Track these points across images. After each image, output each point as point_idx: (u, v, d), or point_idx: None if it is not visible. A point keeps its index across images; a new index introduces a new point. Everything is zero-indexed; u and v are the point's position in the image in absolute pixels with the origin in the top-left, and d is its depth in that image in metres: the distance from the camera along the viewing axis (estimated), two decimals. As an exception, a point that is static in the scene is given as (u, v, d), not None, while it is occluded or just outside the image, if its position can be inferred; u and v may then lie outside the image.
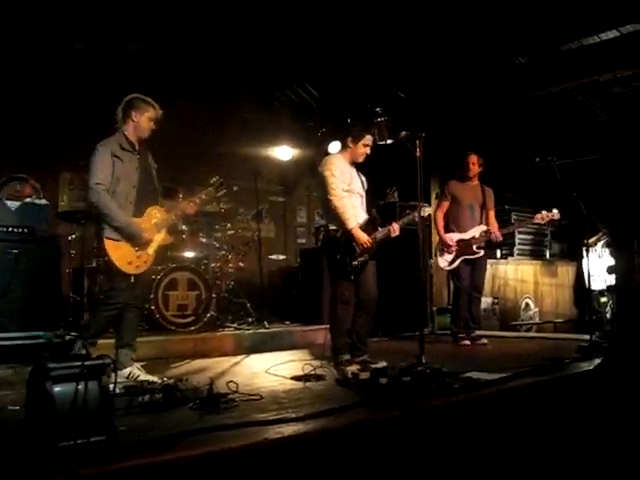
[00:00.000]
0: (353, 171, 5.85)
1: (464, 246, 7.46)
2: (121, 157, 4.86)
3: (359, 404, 3.77)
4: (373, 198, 7.02)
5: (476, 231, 7.53)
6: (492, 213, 7.68)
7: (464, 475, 3.65)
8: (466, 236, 7.50)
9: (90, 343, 4.83)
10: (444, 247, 7.55)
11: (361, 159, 5.85)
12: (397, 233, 5.82)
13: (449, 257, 7.52)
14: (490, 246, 7.78)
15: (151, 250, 4.99)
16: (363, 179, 5.96)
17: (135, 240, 4.85)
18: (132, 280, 4.86)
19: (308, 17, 7.56)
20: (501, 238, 7.55)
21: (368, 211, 5.92)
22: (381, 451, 3.37)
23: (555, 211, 7.31)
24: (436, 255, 7.78)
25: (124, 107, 5.00)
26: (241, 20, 7.54)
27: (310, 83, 9.84)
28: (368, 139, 5.80)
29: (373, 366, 5.09)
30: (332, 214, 5.64)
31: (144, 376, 4.76)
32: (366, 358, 5.59)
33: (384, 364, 5.15)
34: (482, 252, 7.52)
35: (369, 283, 5.69)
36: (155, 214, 5.07)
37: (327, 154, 6.25)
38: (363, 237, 5.53)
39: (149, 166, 5.19)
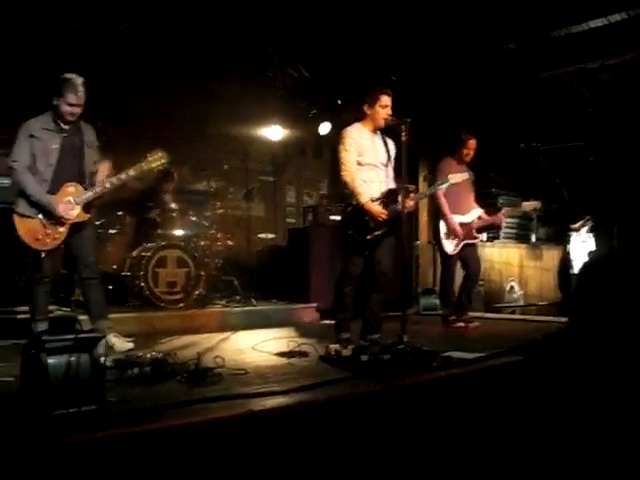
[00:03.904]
0: (377, 139, 5.68)
1: (466, 230, 7.38)
2: (39, 136, 5.03)
3: (340, 380, 3.92)
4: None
5: (474, 214, 7.52)
6: (474, 196, 7.71)
7: (440, 450, 3.79)
8: (466, 219, 7.43)
9: (42, 321, 5.04)
10: (451, 231, 7.37)
11: (383, 123, 5.56)
12: (413, 208, 5.80)
13: (454, 241, 7.39)
14: (481, 230, 7.74)
15: (62, 228, 5.09)
16: (390, 146, 5.74)
17: (49, 213, 5.01)
18: (43, 255, 5.02)
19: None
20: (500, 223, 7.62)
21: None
22: (361, 425, 3.52)
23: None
24: (439, 238, 7.49)
25: (54, 87, 5.13)
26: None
27: (301, 63, 9.87)
28: (385, 99, 5.51)
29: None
30: (345, 190, 5.51)
31: (121, 345, 5.04)
32: (377, 338, 5.39)
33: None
34: (480, 237, 7.58)
35: (385, 258, 5.56)
36: (70, 191, 5.14)
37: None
38: (376, 210, 5.36)
39: (79, 144, 5.25)
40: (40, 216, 5.01)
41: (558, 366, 4.55)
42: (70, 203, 5.11)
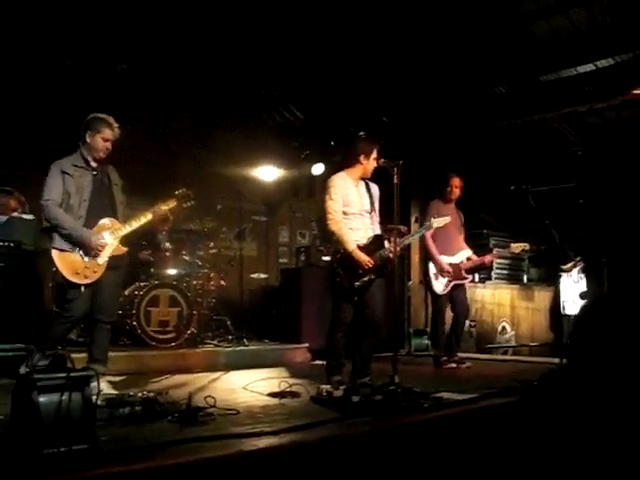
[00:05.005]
0: (361, 186, 5.75)
1: (455, 270, 7.48)
2: (72, 173, 5.08)
3: (331, 420, 3.92)
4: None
5: (463, 255, 7.61)
6: (463, 237, 7.82)
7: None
8: (455, 260, 7.53)
9: (47, 355, 4.98)
10: (440, 271, 7.48)
11: (371, 173, 5.75)
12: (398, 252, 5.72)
13: (444, 281, 7.48)
14: (470, 270, 7.83)
15: (101, 260, 5.08)
16: (373, 191, 5.82)
17: (85, 247, 5.01)
18: (82, 290, 4.98)
19: (295, 41, 7.72)
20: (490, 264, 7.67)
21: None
22: (353, 465, 3.51)
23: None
24: (428, 279, 7.62)
25: (82, 127, 5.21)
26: (228, 42, 7.69)
27: (295, 105, 9.99)
28: (376, 152, 5.67)
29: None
30: (331, 238, 5.59)
31: (107, 390, 4.80)
32: (367, 380, 5.40)
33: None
34: (470, 277, 7.64)
35: (375, 303, 5.56)
36: (107, 225, 5.19)
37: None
38: (363, 258, 5.41)
39: (108, 182, 5.34)
40: (77, 249, 5.01)
41: (557, 406, 4.57)
42: (105, 237, 5.13)
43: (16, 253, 6.29)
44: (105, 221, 5.19)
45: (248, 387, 5.57)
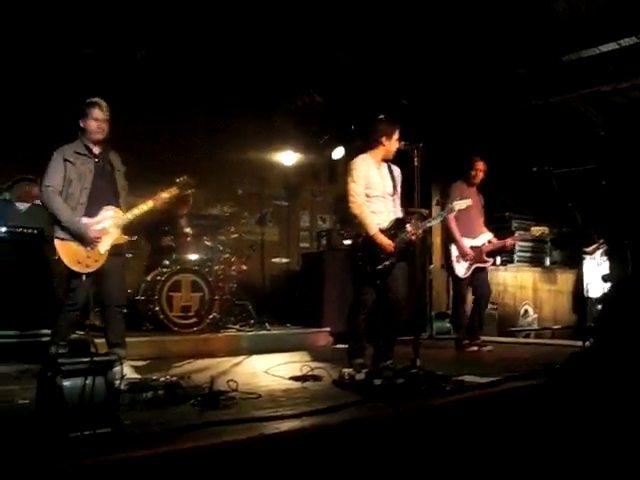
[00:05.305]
0: (383, 169, 5.65)
1: (477, 253, 7.45)
2: (74, 161, 5.09)
3: (353, 403, 3.93)
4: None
5: (484, 238, 7.59)
6: (483, 219, 7.78)
7: (452, 472, 3.79)
8: (477, 242, 7.50)
9: (62, 346, 4.97)
10: (462, 254, 7.47)
11: (393, 155, 5.64)
12: (421, 235, 5.67)
13: (465, 264, 7.47)
14: (491, 253, 7.78)
15: (103, 249, 5.08)
16: (396, 173, 5.72)
17: (80, 238, 5.00)
18: (84, 279, 5.00)
19: (313, 26, 7.69)
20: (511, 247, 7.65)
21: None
22: (375, 448, 3.52)
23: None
24: (450, 262, 7.59)
25: (76, 117, 5.23)
26: (247, 28, 7.67)
27: (315, 89, 9.95)
28: (397, 132, 5.58)
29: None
30: (353, 221, 5.52)
31: (130, 375, 4.80)
32: (389, 364, 5.32)
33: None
34: (491, 260, 7.60)
35: (397, 286, 5.48)
36: (110, 214, 5.19)
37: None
38: (385, 241, 5.35)
39: (110, 169, 5.34)
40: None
41: (583, 389, 4.54)
42: (106, 226, 5.14)
43: (38, 240, 6.34)
44: (108, 210, 5.19)
45: (270, 371, 5.58)
